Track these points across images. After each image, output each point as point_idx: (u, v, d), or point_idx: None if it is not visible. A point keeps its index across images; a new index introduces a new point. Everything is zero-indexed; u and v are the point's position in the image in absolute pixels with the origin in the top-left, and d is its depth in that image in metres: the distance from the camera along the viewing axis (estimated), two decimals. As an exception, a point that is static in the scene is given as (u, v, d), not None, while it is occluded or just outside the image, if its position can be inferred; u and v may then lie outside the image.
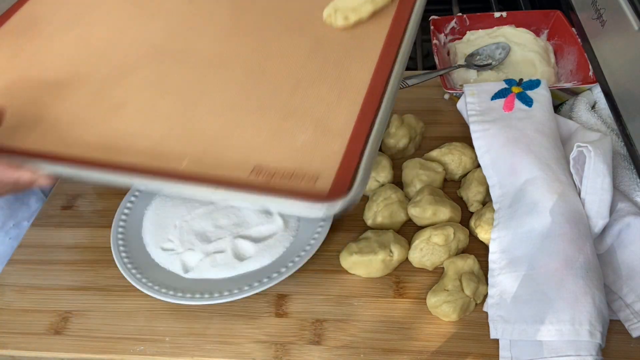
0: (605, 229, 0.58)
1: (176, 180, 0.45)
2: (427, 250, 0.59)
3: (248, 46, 0.58)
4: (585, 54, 0.72)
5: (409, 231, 0.63)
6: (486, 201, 0.64)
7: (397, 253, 0.59)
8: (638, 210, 0.58)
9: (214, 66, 0.56)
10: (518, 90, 0.68)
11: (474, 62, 0.78)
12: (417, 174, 0.66)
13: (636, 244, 0.56)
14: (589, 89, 0.72)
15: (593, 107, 0.71)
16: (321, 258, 0.62)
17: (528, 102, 0.66)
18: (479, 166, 0.65)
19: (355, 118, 0.48)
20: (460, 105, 0.69)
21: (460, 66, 0.78)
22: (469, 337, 0.55)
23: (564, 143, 0.65)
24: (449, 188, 0.68)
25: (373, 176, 0.67)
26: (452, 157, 0.68)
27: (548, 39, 0.83)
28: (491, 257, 0.58)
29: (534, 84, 0.68)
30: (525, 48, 0.79)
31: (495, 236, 0.58)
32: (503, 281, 0.56)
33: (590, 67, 0.71)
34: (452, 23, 0.85)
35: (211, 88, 0.53)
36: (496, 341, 0.54)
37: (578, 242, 0.54)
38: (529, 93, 0.67)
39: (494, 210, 0.61)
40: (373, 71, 0.52)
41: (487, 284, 0.57)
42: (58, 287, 0.63)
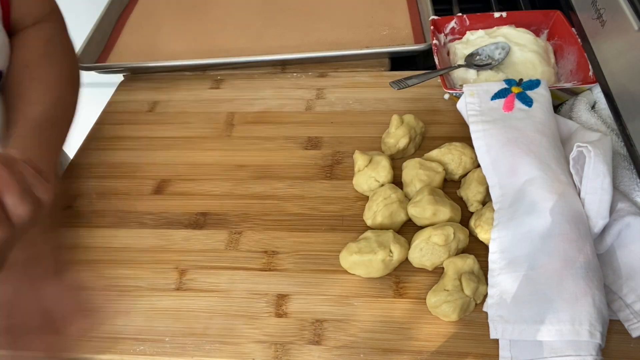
0: (605, 229, 0.58)
1: None
2: (427, 250, 0.59)
3: None
4: (585, 54, 0.72)
5: (409, 231, 0.63)
6: (486, 201, 0.64)
7: (397, 253, 0.59)
8: (638, 210, 0.57)
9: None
10: (518, 90, 0.67)
11: (474, 62, 0.78)
12: (417, 174, 0.66)
13: (636, 244, 0.56)
14: (589, 89, 0.72)
15: (593, 107, 0.71)
16: (321, 258, 0.62)
17: (528, 102, 0.66)
18: (479, 166, 0.65)
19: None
20: (460, 105, 0.69)
21: (460, 66, 0.78)
22: (469, 337, 0.55)
23: (564, 143, 0.65)
24: (449, 188, 0.68)
25: (373, 176, 0.67)
26: (452, 157, 0.68)
27: (548, 39, 0.83)
28: (491, 257, 0.58)
29: (534, 84, 0.68)
30: (525, 48, 0.79)
31: (495, 236, 0.58)
32: (503, 281, 0.55)
33: (590, 67, 0.71)
34: (452, 23, 0.84)
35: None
36: (496, 341, 0.54)
37: (578, 242, 0.54)
38: (529, 93, 0.67)
39: (494, 210, 0.61)
40: None
41: (487, 284, 0.57)
42: (58, 287, 0.63)
